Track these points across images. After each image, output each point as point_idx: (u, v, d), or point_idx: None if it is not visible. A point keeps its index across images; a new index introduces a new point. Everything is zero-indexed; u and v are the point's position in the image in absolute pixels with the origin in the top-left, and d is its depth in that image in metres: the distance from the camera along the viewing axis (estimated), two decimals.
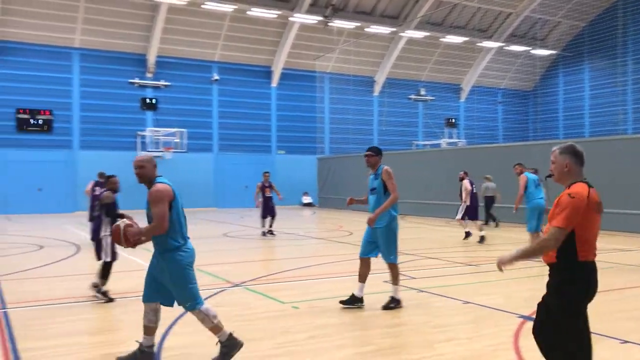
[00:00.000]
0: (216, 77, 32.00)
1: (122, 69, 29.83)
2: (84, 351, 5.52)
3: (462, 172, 15.90)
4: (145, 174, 5.18)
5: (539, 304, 3.83)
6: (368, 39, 33.93)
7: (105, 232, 8.07)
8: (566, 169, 3.78)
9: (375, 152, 7.50)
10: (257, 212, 17.70)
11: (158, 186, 5.06)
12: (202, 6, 28.76)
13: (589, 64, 40.14)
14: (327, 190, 32.31)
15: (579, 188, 3.66)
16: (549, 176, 3.97)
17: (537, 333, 3.77)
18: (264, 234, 16.86)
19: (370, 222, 7.31)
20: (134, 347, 5.47)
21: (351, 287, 8.80)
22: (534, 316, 3.90)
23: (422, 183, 24.88)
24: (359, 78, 36.16)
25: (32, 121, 27.76)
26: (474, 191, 15.58)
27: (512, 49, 38.87)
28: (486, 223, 18.56)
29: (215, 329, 5.08)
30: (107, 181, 8.57)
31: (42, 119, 27.97)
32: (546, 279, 3.84)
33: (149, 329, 5.17)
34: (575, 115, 40.66)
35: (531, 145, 21.62)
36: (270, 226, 16.88)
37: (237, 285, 8.87)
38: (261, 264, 11.29)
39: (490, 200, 19.14)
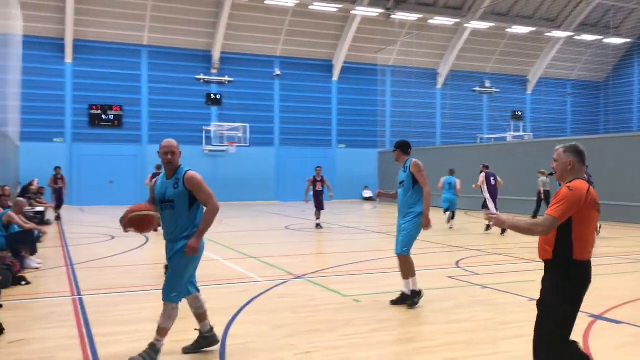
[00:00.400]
0: (278, 72, 32.34)
1: (188, 65, 30.62)
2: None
3: (481, 166, 16.81)
4: (175, 160, 5.17)
5: (537, 302, 3.94)
6: (431, 31, 33.42)
7: None
8: (570, 167, 3.88)
9: (397, 147, 7.52)
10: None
11: (193, 172, 5.12)
12: (265, 2, 29.13)
13: None
14: (388, 185, 32.06)
15: (579, 184, 3.76)
16: (551, 174, 3.98)
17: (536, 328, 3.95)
18: (317, 225, 17.31)
19: (426, 225, 7.08)
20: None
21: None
22: (607, 316, 3.82)
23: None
24: (421, 71, 35.69)
25: (103, 117, 28.94)
26: (493, 183, 16.39)
27: (582, 39, 37.34)
28: (536, 214, 18.98)
29: (162, 331, 5.04)
30: None
31: (113, 115, 29.10)
32: (617, 277, 3.75)
33: (200, 316, 5.31)
34: None
35: (602, 139, 20.76)
36: (320, 218, 17.47)
37: (299, 277, 8.97)
38: (322, 257, 11.37)
39: (547, 195, 19.01)
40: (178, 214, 5.04)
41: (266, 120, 32.26)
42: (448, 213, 17.43)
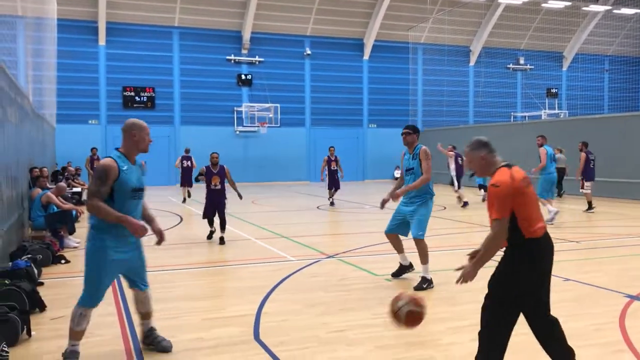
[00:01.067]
0: (308, 51, 32.20)
1: (219, 46, 30.71)
2: (187, 315, 5.85)
3: (450, 146, 18.85)
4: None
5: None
6: (463, 7, 32.76)
7: None
8: (484, 161, 3.92)
9: (414, 130, 7.20)
10: (349, 186, 18.01)
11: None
12: None
13: None
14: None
15: (500, 175, 3.77)
16: (472, 175, 3.95)
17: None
18: (331, 203, 18.09)
19: (396, 197, 7.05)
20: (233, 313, 5.74)
21: (445, 261, 8.73)
22: None
23: (520, 156, 23.92)
24: (453, 48, 35.09)
25: (137, 98, 29.32)
26: (460, 163, 18.15)
27: (621, 12, 36.11)
28: (559, 195, 19.45)
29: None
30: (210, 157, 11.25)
31: (146, 96, 29.45)
32: None
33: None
34: None
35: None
36: (332, 197, 18.28)
37: (330, 257, 9.03)
38: (354, 237, 11.40)
39: (561, 172, 18.67)
40: (140, 203, 4.68)
41: (297, 101, 32.24)
42: (482, 190, 17.45)
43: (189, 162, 19.77)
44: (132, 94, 29.23)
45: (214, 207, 10.94)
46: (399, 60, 34.18)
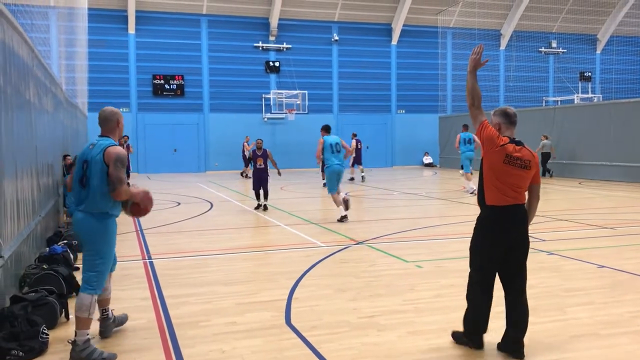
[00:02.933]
0: (336, 37, 32.03)
1: (247, 33, 30.76)
2: (220, 300, 5.93)
3: (352, 134, 23.09)
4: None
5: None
6: None
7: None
8: (498, 128, 4.47)
9: None
10: (377, 172, 18.01)
11: None
12: None
13: None
14: (449, 151, 31.55)
15: (492, 130, 4.43)
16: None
17: None
18: (363, 179, 21.40)
19: None
20: (266, 298, 5.80)
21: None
22: None
23: (552, 141, 23.54)
24: (484, 32, 34.49)
25: (166, 86, 29.59)
26: (359, 147, 22.57)
27: None
28: (543, 175, 22.02)
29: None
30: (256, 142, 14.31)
31: (176, 84, 29.71)
32: None
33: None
34: None
35: None
36: (363, 172, 22.08)
37: (360, 243, 9.03)
38: (383, 223, 11.37)
39: (546, 156, 22.38)
40: None
41: (325, 87, 32.16)
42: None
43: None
44: (162, 82, 29.51)
45: (260, 182, 13.59)
46: (428, 45, 33.76)
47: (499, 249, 4.42)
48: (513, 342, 4.42)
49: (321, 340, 4.69)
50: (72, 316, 5.28)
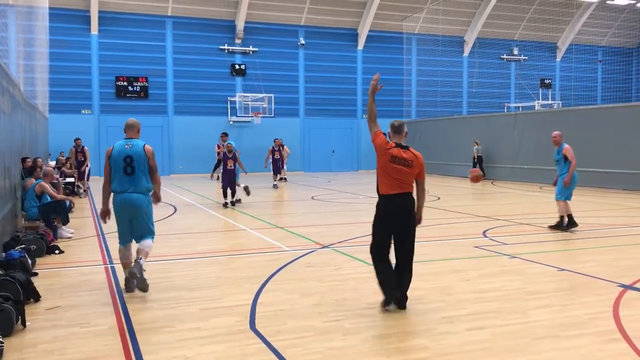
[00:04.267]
0: (302, 41, 32.07)
1: (213, 35, 30.54)
2: (184, 305, 5.85)
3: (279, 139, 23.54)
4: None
5: None
6: None
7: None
8: (389, 135, 5.93)
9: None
10: (343, 176, 18.06)
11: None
12: None
13: None
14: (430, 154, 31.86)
15: (383, 138, 5.93)
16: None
17: None
18: (274, 186, 21.46)
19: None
20: (230, 303, 5.75)
21: (441, 251, 8.77)
22: (637, 285, 3.87)
23: (514, 147, 24.03)
24: (447, 38, 35.04)
25: (130, 88, 29.14)
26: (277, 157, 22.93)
27: (614, 3, 36.15)
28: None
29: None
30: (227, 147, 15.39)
31: (139, 86, 29.27)
32: None
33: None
34: None
35: (634, 107, 20.27)
36: (276, 180, 22.24)
37: (325, 247, 9.03)
38: (348, 227, 11.41)
39: (479, 159, 25.12)
40: None
41: (291, 91, 32.14)
42: None
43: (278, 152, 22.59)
44: (125, 83, 29.05)
45: (229, 182, 14.96)
46: (393, 50, 34.09)
47: (389, 227, 5.69)
48: (400, 296, 5.66)
49: (286, 345, 4.66)
50: (28, 323, 5.14)
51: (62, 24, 27.52)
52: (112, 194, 6.48)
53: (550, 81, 38.68)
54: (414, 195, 5.76)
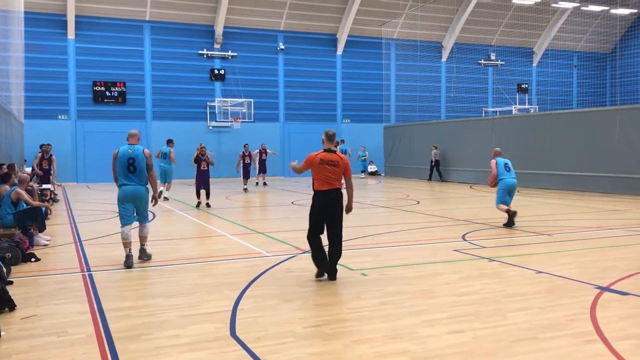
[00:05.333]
0: (282, 46, 32.07)
1: (191, 40, 30.38)
2: (163, 312, 5.79)
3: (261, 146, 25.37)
4: None
5: None
6: (435, 3, 32.98)
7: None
8: (323, 142, 7.31)
9: None
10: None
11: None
12: None
13: None
14: (394, 159, 32.08)
15: (314, 153, 7.22)
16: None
17: None
18: (245, 190, 22.28)
19: None
20: (209, 310, 5.70)
21: (421, 255, 8.81)
22: (613, 287, 3.96)
23: (491, 151, 24.23)
24: (426, 44, 35.32)
25: (107, 93, 28.84)
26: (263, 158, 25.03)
27: (589, 9, 36.82)
28: (430, 179, 27.28)
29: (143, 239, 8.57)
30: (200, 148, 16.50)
31: (117, 91, 29.00)
32: (622, 249, 3.81)
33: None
34: None
35: (609, 111, 20.62)
36: (246, 184, 22.93)
37: (306, 252, 9.01)
38: None
39: (437, 163, 26.90)
40: None
41: (270, 96, 32.11)
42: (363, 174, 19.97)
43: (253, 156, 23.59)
44: (103, 88, 28.76)
45: (203, 182, 16.00)
46: (372, 55, 34.27)
47: (321, 215, 7.10)
48: (330, 270, 7.07)
49: (266, 351, 4.64)
50: (3, 333, 5.03)
51: (38, 28, 27.18)
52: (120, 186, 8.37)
53: (526, 86, 39.20)
54: (343, 190, 7.15)
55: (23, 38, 25.09)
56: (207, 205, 15.84)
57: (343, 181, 7.20)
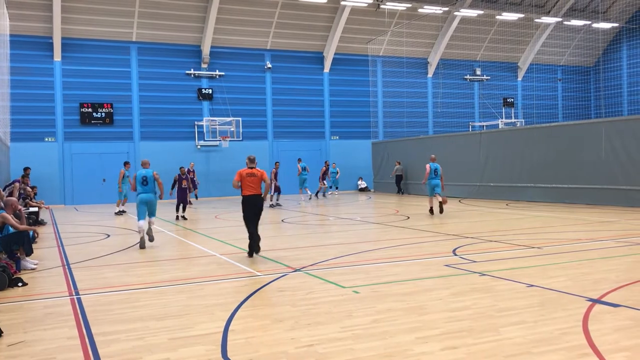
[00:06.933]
0: (269, 65, 32.21)
1: (178, 60, 30.45)
2: (153, 335, 5.70)
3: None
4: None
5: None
6: (420, 20, 33.35)
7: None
8: (247, 163, 10.54)
9: None
10: (313, 199, 18.02)
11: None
12: None
13: None
14: (383, 175, 32.16)
15: (241, 169, 10.48)
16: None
17: None
18: (177, 217, 22.05)
19: None
20: (200, 332, 5.63)
21: (413, 271, 8.79)
22: (605, 299, 3.95)
23: (480, 165, 24.40)
24: (412, 60, 35.65)
25: (94, 114, 28.76)
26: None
27: (571, 24, 37.38)
28: (399, 192, 29.57)
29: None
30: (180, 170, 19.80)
31: (104, 112, 28.92)
32: (612, 261, 3.83)
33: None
34: None
35: (593, 123, 20.84)
36: (181, 211, 21.70)
37: (297, 271, 8.96)
38: (320, 249, 11.37)
39: (399, 178, 29.20)
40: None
41: (259, 114, 32.17)
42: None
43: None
44: (90, 110, 28.68)
45: (183, 198, 19.06)
46: (359, 72, 34.51)
47: (249, 213, 10.44)
48: (255, 248, 10.28)
49: None
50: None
51: (24, 51, 27.14)
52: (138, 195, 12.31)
53: (512, 100, 39.57)
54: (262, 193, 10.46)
55: (9, 61, 25.00)
56: (184, 217, 18.65)
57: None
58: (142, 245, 12.03)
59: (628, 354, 4.79)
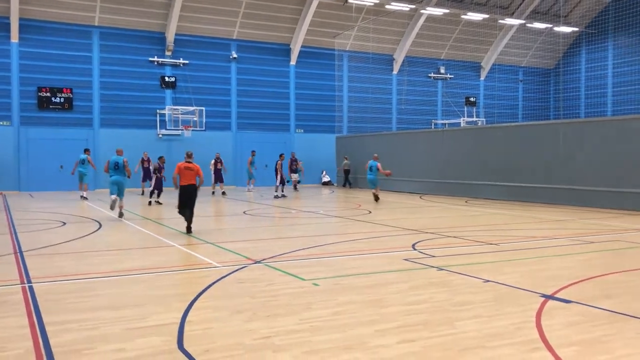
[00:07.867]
0: (234, 55, 31.90)
1: (142, 47, 29.87)
2: (107, 325, 5.60)
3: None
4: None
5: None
6: (387, 16, 33.51)
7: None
8: (185, 157, 13.07)
9: None
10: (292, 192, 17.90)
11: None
12: None
13: (612, 41, 39.30)
14: (356, 170, 32.24)
15: (180, 163, 12.79)
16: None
17: None
18: (213, 193, 25.21)
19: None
20: (157, 322, 5.55)
21: (373, 264, 8.85)
22: (557, 295, 4.03)
23: (441, 162, 24.71)
24: (378, 56, 35.81)
25: (53, 99, 27.99)
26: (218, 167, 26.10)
27: (534, 27, 38.15)
28: (344, 185, 31.13)
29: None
30: (159, 159, 21.42)
31: (63, 97, 28.18)
32: (567, 258, 3.88)
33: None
34: (597, 93, 39.97)
35: (552, 124, 21.33)
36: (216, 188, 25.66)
37: (257, 262, 8.92)
38: (281, 242, 11.34)
39: (347, 172, 30.74)
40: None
41: (223, 104, 31.85)
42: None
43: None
44: (48, 94, 27.90)
45: (159, 186, 20.62)
46: (325, 66, 34.48)
47: (184, 199, 12.38)
48: (189, 228, 12.32)
49: None
50: None
51: None
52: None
53: (474, 99, 40.19)
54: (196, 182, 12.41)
55: None
56: (158, 202, 20.30)
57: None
58: (112, 207, 15.33)
59: (578, 348, 4.92)
